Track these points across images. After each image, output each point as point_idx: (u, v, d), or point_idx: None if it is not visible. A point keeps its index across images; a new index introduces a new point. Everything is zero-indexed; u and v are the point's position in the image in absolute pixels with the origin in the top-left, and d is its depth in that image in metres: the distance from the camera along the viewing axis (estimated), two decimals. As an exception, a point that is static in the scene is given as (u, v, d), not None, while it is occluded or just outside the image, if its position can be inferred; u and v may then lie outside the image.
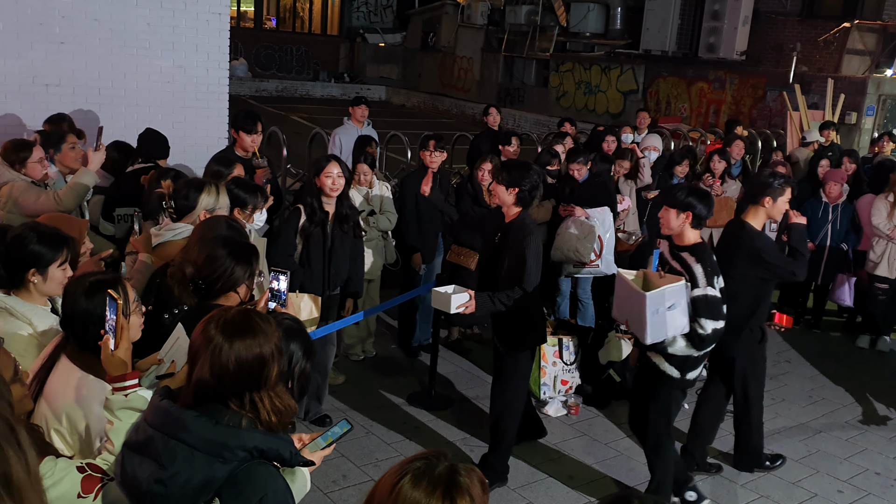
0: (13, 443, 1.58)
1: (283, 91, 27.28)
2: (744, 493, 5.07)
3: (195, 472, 2.06)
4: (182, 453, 2.07)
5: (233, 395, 2.13)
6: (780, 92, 15.72)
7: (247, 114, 6.12)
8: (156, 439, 2.12)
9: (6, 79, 6.89)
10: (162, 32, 7.51)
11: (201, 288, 2.99)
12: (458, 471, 1.73)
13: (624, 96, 20.74)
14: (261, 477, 2.10)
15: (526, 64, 24.04)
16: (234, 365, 2.11)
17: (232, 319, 2.17)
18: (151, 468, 2.10)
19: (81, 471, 2.27)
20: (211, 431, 2.08)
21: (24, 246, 3.01)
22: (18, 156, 4.92)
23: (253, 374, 2.13)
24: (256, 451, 2.10)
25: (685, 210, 4.32)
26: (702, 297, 4.25)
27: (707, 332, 4.27)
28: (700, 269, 4.28)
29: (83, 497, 2.25)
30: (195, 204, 3.96)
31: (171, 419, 2.12)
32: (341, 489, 4.73)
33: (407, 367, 6.61)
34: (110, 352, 2.41)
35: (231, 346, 2.11)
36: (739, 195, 8.07)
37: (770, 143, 13.13)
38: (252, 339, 2.14)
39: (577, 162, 6.97)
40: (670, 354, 4.41)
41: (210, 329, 2.15)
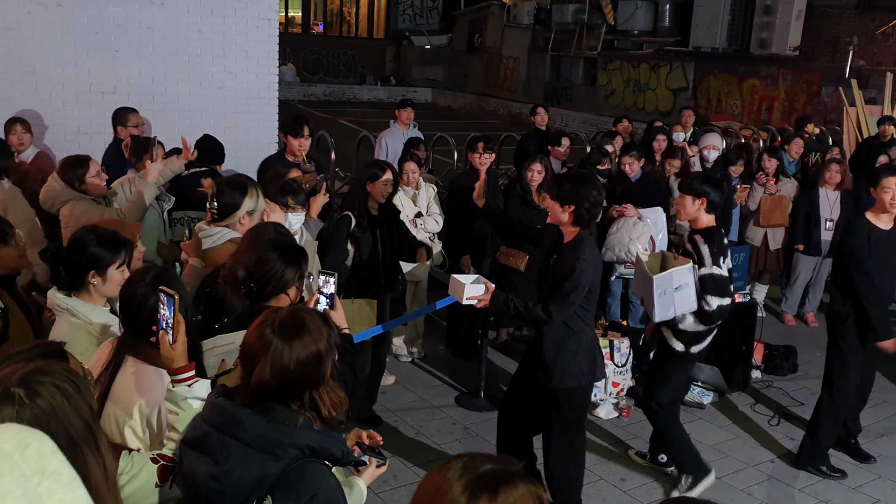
0: (92, 446, 1.62)
1: (330, 95, 27.51)
2: (801, 498, 4.95)
3: (249, 469, 2.09)
4: (236, 450, 2.11)
5: (293, 394, 2.17)
6: (836, 87, 15.35)
7: (294, 118, 6.18)
8: (211, 436, 2.16)
9: (64, 87, 7.08)
10: (212, 39, 7.64)
11: (253, 291, 3.03)
12: (502, 468, 1.61)
13: (673, 94, 20.47)
14: (312, 475, 2.12)
15: (573, 63, 23.88)
16: (295, 365, 2.14)
17: (285, 321, 2.20)
18: (207, 464, 2.14)
19: (155, 461, 2.36)
20: (264, 429, 2.10)
21: (84, 249, 3.08)
22: (76, 173, 4.89)
23: (312, 373, 2.17)
24: (308, 450, 2.12)
25: (700, 196, 4.61)
26: (708, 275, 4.57)
27: (713, 308, 4.56)
28: (707, 249, 4.57)
29: (161, 486, 2.33)
30: (239, 205, 3.99)
31: (226, 416, 2.16)
32: (392, 489, 4.74)
33: (455, 369, 6.60)
34: (168, 347, 2.47)
35: (291, 348, 2.15)
36: (796, 194, 7.90)
37: (825, 140, 12.83)
38: (308, 337, 2.18)
39: (630, 155, 6.90)
40: (680, 330, 4.69)
41: (266, 332, 2.18)
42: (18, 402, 1.62)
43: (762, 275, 8.10)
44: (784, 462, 5.36)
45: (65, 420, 1.62)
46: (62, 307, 3.06)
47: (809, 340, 7.58)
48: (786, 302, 8.11)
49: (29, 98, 6.95)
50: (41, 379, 1.67)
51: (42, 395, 1.63)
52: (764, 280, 8.14)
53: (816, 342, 7.54)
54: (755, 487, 5.03)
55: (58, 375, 1.70)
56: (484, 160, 6.52)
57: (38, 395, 1.63)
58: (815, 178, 8.07)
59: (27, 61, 6.93)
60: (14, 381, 1.66)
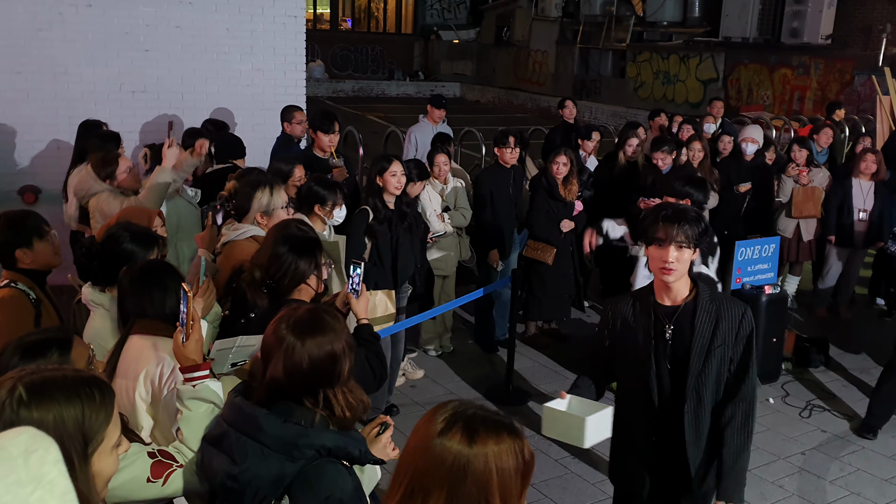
0: (81, 458, 1.64)
1: (359, 91, 27.60)
2: (833, 490, 4.90)
3: (266, 469, 2.10)
4: (253, 450, 2.12)
5: (307, 392, 2.17)
6: (869, 76, 15.09)
7: (324, 114, 6.22)
8: (229, 435, 2.18)
9: (95, 87, 7.19)
10: (240, 37, 7.71)
11: (273, 287, 3.07)
12: (488, 412, 1.66)
13: (703, 85, 20.26)
14: (329, 476, 2.12)
15: (602, 55, 23.73)
16: (307, 363, 2.15)
17: (301, 318, 2.21)
18: (225, 463, 2.17)
19: (152, 456, 2.35)
20: (280, 429, 2.12)
21: (119, 245, 3.16)
22: (107, 171, 5.05)
23: (325, 372, 2.17)
24: (325, 450, 2.12)
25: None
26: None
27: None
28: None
29: (152, 482, 2.32)
30: (249, 204, 4.02)
31: (243, 416, 2.18)
32: (420, 483, 4.77)
33: (484, 363, 6.62)
34: (181, 343, 2.50)
35: (303, 345, 2.16)
36: (828, 185, 7.78)
37: (859, 129, 12.63)
38: (322, 336, 2.18)
39: (662, 151, 6.84)
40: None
41: (281, 329, 2.19)
42: (18, 404, 1.63)
43: (793, 266, 8.00)
44: (815, 454, 5.30)
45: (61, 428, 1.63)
46: (97, 302, 3.13)
47: (841, 332, 7.48)
48: (817, 293, 8.01)
49: (61, 98, 7.07)
50: (48, 388, 1.68)
51: (42, 405, 1.64)
52: (795, 271, 8.03)
53: (848, 334, 7.45)
54: (786, 480, 4.99)
55: (66, 386, 1.71)
56: (515, 154, 6.53)
57: (38, 404, 1.64)
58: (848, 168, 7.95)
59: (59, 62, 7.05)
60: (23, 383, 1.67)
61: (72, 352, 2.33)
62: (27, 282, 3.49)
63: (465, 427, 1.61)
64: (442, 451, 1.58)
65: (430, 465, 1.59)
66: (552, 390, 6.13)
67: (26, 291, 3.44)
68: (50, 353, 2.29)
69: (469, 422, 1.62)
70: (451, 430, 1.60)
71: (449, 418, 1.63)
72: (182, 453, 2.39)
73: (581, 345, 6.87)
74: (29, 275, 3.52)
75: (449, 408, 1.66)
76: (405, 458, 1.66)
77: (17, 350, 2.28)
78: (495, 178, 6.61)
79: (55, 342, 2.33)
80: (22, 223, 3.58)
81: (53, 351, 2.30)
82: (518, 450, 1.62)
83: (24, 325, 3.21)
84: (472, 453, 1.58)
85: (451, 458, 1.58)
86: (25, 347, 2.29)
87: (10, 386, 1.68)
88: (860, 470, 5.13)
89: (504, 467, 1.59)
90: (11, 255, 3.50)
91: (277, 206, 4.09)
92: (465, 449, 1.58)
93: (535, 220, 6.53)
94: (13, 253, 3.50)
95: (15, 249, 3.49)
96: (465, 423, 1.61)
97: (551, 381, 6.32)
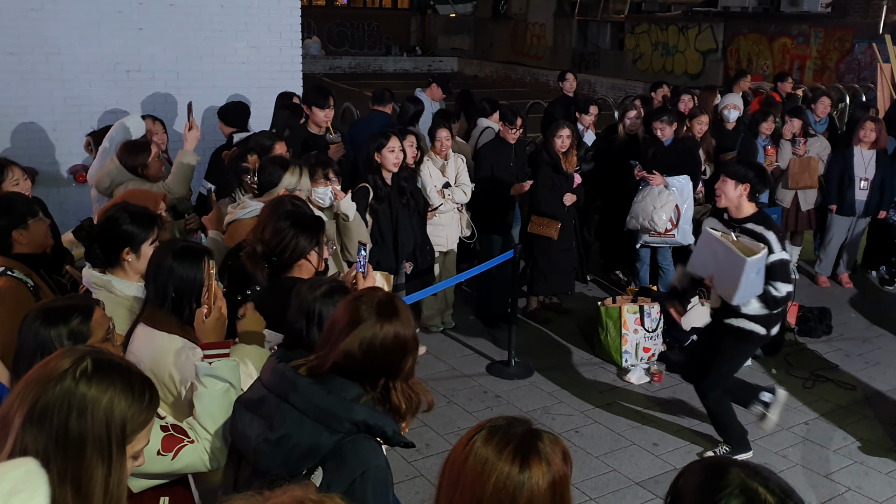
0: (105, 456, 1.64)
1: (356, 67, 27.42)
2: (836, 459, 4.90)
3: (303, 437, 2.08)
4: (292, 417, 2.10)
5: (368, 376, 2.15)
6: (870, 44, 14.98)
7: (317, 89, 6.17)
8: (268, 400, 2.15)
9: (89, 67, 7.11)
10: (235, 14, 7.61)
11: (274, 262, 3.09)
12: (538, 436, 1.67)
13: (703, 56, 20.12)
14: (364, 451, 2.10)
15: (600, 27, 23.54)
16: (379, 347, 2.13)
17: (382, 301, 2.19)
18: (261, 427, 2.14)
19: (164, 430, 2.35)
20: (322, 399, 2.09)
21: (118, 226, 3.13)
22: (137, 159, 4.84)
23: (393, 360, 2.16)
24: (363, 425, 2.10)
25: (744, 182, 4.47)
26: (778, 261, 4.46)
27: (781, 294, 4.47)
28: (773, 235, 4.45)
29: (162, 455, 2.32)
30: (278, 181, 4.05)
31: (285, 382, 2.15)
32: (424, 458, 4.78)
33: (486, 338, 6.61)
34: (202, 320, 2.48)
35: (381, 328, 2.13)
36: (829, 155, 7.72)
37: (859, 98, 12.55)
38: (400, 324, 2.16)
39: (662, 121, 6.77)
40: (752, 315, 4.55)
41: (361, 307, 2.16)
42: (81, 375, 1.65)
43: (794, 236, 7.97)
44: (819, 424, 5.31)
45: (94, 417, 1.63)
46: (98, 284, 3.11)
47: (843, 302, 7.48)
48: (819, 263, 7.99)
49: (55, 79, 6.99)
50: (111, 371, 1.70)
51: (101, 384, 1.66)
52: (796, 241, 8.00)
53: (851, 303, 7.44)
54: (790, 450, 5.00)
55: (126, 377, 1.72)
56: (516, 135, 6.48)
57: (99, 382, 1.66)
58: (849, 137, 7.89)
59: (52, 42, 6.96)
60: (92, 357, 1.69)
61: (92, 320, 2.35)
62: (23, 268, 3.44)
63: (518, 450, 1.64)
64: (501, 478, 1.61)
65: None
66: (554, 364, 6.13)
67: (23, 279, 3.40)
68: (71, 319, 2.31)
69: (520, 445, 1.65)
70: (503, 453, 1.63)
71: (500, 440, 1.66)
72: (194, 430, 2.40)
73: (583, 318, 6.87)
74: (24, 260, 3.48)
75: (497, 424, 1.69)
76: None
77: (40, 315, 2.31)
78: (496, 152, 6.56)
79: (78, 309, 2.36)
80: (12, 204, 3.56)
81: (76, 316, 2.33)
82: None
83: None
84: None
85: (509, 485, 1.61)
86: (48, 312, 2.32)
87: (78, 356, 1.70)
88: (864, 439, 5.14)
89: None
90: (7, 239, 3.47)
91: (304, 189, 4.12)
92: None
93: (539, 195, 6.48)
94: (9, 236, 3.47)
95: (11, 231, 3.47)
96: (517, 445, 1.64)
97: (553, 355, 6.32)
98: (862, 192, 7.51)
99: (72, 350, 1.74)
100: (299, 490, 1.28)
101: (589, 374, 6.02)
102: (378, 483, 2.09)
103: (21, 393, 1.64)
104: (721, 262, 4.43)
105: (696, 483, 1.51)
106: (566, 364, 6.16)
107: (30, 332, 2.28)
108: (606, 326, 6.14)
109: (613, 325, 6.07)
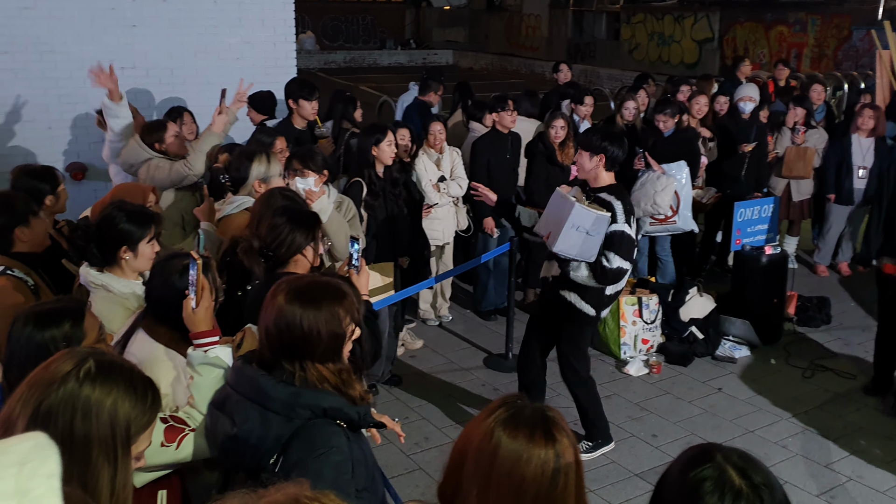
0: (110, 457, 1.64)
1: (350, 62, 27.35)
2: (836, 449, 4.90)
3: (264, 429, 2.14)
4: (252, 412, 2.16)
5: (286, 356, 2.19)
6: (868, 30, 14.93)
7: (301, 82, 6.12)
8: (231, 397, 2.23)
9: (83, 65, 7.04)
10: (228, 9, 7.57)
11: (271, 257, 3.09)
12: (549, 410, 1.73)
13: (699, 45, 20.08)
14: (323, 434, 2.14)
15: (595, 18, 23.49)
16: (284, 326, 2.16)
17: (299, 285, 2.23)
18: (227, 425, 2.20)
19: (164, 421, 2.37)
20: (276, 390, 2.15)
21: (115, 225, 3.12)
22: (154, 136, 5.01)
23: (304, 341, 2.18)
24: (319, 410, 2.15)
25: (598, 153, 4.39)
26: (619, 232, 4.35)
27: (612, 266, 4.34)
28: (620, 205, 4.36)
29: (166, 446, 2.35)
30: (247, 174, 4.11)
31: (242, 378, 2.22)
32: (423, 451, 4.78)
33: (483, 331, 6.60)
34: (191, 310, 2.48)
35: (290, 308, 2.17)
36: (826, 146, 7.68)
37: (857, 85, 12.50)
38: (311, 307, 2.18)
39: (664, 113, 6.75)
40: (587, 292, 4.47)
41: (278, 290, 2.22)
42: (84, 376, 1.64)
43: (791, 226, 7.96)
44: (819, 414, 5.30)
45: (98, 419, 1.63)
46: (97, 284, 3.10)
47: (843, 291, 7.47)
48: (818, 253, 7.98)
49: (49, 77, 6.96)
50: (114, 373, 1.69)
51: (105, 386, 1.66)
52: (793, 231, 7.99)
53: (850, 293, 7.43)
54: (789, 440, 4.99)
55: (129, 378, 1.71)
56: (514, 118, 6.44)
57: (102, 384, 1.65)
58: (847, 125, 7.87)
59: (45, 40, 6.93)
60: (94, 359, 1.69)
61: (85, 322, 2.33)
62: (23, 267, 3.41)
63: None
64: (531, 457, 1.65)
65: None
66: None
67: (24, 279, 3.37)
68: (63, 323, 2.29)
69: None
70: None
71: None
72: (192, 418, 2.42)
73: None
74: (24, 259, 3.45)
75: (508, 416, 1.70)
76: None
77: (30, 319, 2.28)
78: (493, 144, 6.53)
79: (68, 312, 2.34)
80: (13, 202, 3.53)
81: (66, 321, 2.30)
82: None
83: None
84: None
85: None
86: (38, 316, 2.29)
87: (80, 357, 1.69)
88: (864, 428, 5.13)
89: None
90: (9, 237, 3.44)
91: (274, 175, 4.14)
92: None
93: (534, 187, 6.46)
94: (11, 234, 3.44)
95: (13, 229, 3.44)
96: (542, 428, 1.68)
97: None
98: (860, 181, 7.48)
99: (73, 352, 1.73)
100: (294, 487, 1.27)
101: (588, 366, 6.01)
102: (336, 464, 2.12)
103: (24, 396, 1.63)
104: (557, 214, 4.37)
105: (680, 462, 1.61)
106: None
107: (21, 337, 2.26)
108: (604, 318, 6.12)
109: (612, 317, 6.05)
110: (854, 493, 4.47)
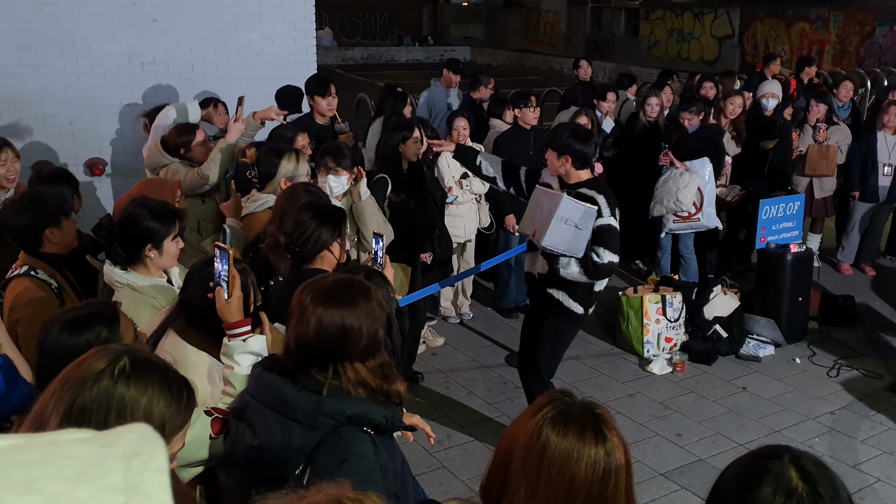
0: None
1: (368, 58, 27.34)
2: (864, 449, 4.83)
3: (286, 438, 2.08)
4: (273, 421, 2.10)
5: (315, 362, 2.13)
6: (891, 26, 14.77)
7: (317, 78, 6.09)
8: (251, 406, 2.17)
9: (104, 61, 7.08)
10: (248, 5, 7.56)
11: (297, 253, 3.07)
12: (592, 406, 1.70)
13: (719, 42, 19.92)
14: (346, 442, 2.08)
15: (614, 14, 23.37)
16: (313, 331, 2.10)
17: (324, 286, 2.17)
18: (248, 435, 2.15)
19: (209, 414, 2.36)
20: (298, 399, 2.08)
21: (139, 223, 3.07)
22: (182, 140, 4.87)
23: (335, 343, 2.11)
24: (343, 417, 2.08)
25: (563, 154, 4.26)
26: (606, 226, 4.23)
27: (604, 261, 4.23)
28: (603, 199, 4.23)
29: (214, 438, 2.34)
30: (275, 171, 4.09)
31: (262, 386, 2.16)
32: (446, 449, 4.74)
33: (504, 329, 6.56)
34: (224, 301, 2.46)
35: (314, 312, 2.10)
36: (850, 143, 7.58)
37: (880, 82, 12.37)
38: (340, 307, 2.11)
39: (690, 111, 6.69)
40: (575, 289, 4.37)
41: (303, 294, 2.15)
42: (119, 374, 1.61)
43: (814, 223, 7.86)
44: (845, 413, 5.23)
45: (133, 418, 1.59)
46: (122, 283, 3.07)
47: (867, 289, 7.37)
48: (842, 251, 7.88)
49: (70, 73, 6.97)
50: (149, 371, 1.66)
51: (139, 384, 1.63)
52: (816, 229, 7.89)
53: (874, 291, 7.34)
54: (816, 440, 4.92)
55: (164, 377, 1.68)
56: (536, 114, 6.41)
57: (137, 382, 1.62)
58: (872, 122, 7.76)
59: (66, 36, 6.94)
60: (129, 356, 1.65)
61: (120, 326, 2.28)
62: (47, 269, 3.35)
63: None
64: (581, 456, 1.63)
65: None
66: (574, 355, 6.07)
67: (48, 281, 3.32)
68: (96, 328, 2.22)
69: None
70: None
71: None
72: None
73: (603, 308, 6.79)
74: (49, 260, 3.39)
75: (555, 414, 1.68)
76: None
77: (63, 326, 2.21)
78: (515, 140, 6.48)
79: (100, 317, 2.27)
80: (47, 202, 3.47)
81: (100, 327, 2.23)
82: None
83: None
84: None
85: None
86: (71, 322, 2.22)
87: (115, 354, 1.65)
88: (891, 429, 5.05)
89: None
90: (39, 237, 3.38)
91: (301, 174, 4.12)
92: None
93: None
94: (41, 234, 3.38)
95: (44, 230, 3.38)
96: (592, 426, 1.65)
97: (574, 345, 6.21)
98: (885, 178, 7.39)
99: (107, 349, 1.69)
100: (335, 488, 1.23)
101: (610, 364, 5.96)
102: (360, 472, 2.05)
103: (57, 392, 1.59)
104: (543, 210, 4.24)
105: (750, 454, 1.58)
106: (587, 355, 6.10)
107: (56, 345, 2.19)
108: (628, 316, 6.07)
109: (635, 315, 6.00)
110: (883, 494, 4.40)
